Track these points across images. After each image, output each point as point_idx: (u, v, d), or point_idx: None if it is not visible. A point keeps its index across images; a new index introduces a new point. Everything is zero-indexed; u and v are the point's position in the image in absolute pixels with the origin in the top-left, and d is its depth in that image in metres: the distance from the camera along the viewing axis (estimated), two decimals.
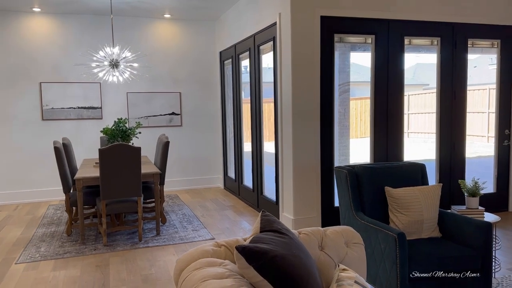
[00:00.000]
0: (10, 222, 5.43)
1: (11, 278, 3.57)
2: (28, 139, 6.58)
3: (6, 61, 6.40)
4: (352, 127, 5.88)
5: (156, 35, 7.06)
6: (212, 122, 7.46)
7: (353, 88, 5.09)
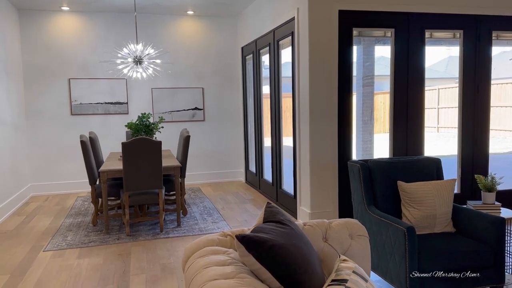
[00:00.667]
0: (40, 212, 5.70)
1: (39, 265, 3.78)
2: (57, 134, 6.86)
3: (37, 58, 6.68)
4: (378, 121, 5.83)
5: (179, 32, 7.20)
6: (234, 117, 7.56)
7: (379, 82, 5.02)
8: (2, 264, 3.81)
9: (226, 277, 1.61)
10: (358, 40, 5.43)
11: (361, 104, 5.79)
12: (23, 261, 3.86)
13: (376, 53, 5.46)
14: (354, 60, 5.73)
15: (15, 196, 5.93)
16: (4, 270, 3.67)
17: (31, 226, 5.03)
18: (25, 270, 3.65)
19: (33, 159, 6.80)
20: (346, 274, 1.76)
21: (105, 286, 3.29)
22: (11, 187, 5.80)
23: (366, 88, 5.74)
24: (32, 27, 6.62)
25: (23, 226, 5.03)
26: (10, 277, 3.51)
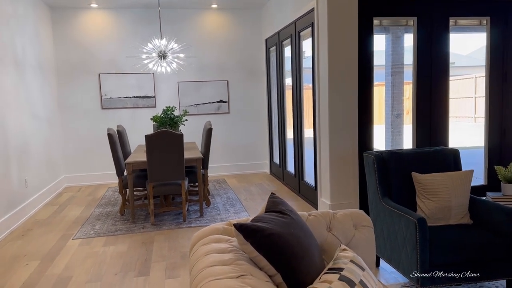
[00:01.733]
0: (72, 202, 5.98)
1: (67, 252, 3.99)
2: (89, 127, 7.13)
3: (68, 55, 6.95)
4: (408, 111, 5.69)
5: (203, 26, 7.30)
6: (258, 109, 7.61)
7: (409, 72, 4.91)
8: (34, 250, 4.04)
9: (223, 264, 1.67)
10: (387, 29, 5.34)
11: (390, 94, 5.70)
12: (53, 248, 4.09)
13: (406, 41, 5.36)
14: (383, 49, 5.63)
15: (50, 187, 6.24)
16: (36, 256, 3.90)
17: (63, 216, 5.29)
18: (54, 257, 3.86)
19: (67, 152, 7.11)
20: (343, 263, 1.79)
21: (127, 273, 3.44)
22: (46, 178, 6.10)
23: (395, 77, 5.65)
24: (64, 25, 6.89)
25: (56, 215, 5.30)
26: (41, 263, 3.73)
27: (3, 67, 4.75)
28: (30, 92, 5.63)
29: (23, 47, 5.45)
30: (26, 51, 5.54)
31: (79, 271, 3.51)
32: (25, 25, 5.55)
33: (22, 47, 5.41)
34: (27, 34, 5.62)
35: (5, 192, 4.60)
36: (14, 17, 5.17)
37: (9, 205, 4.70)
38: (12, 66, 5.04)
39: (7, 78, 4.85)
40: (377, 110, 14.01)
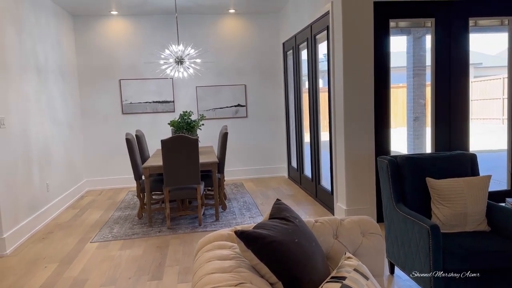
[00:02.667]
0: (93, 206, 6.09)
1: (84, 255, 4.06)
2: (110, 132, 7.27)
3: (90, 61, 7.11)
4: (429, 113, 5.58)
5: (221, 30, 7.34)
6: (276, 113, 7.59)
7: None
8: (53, 253, 4.14)
9: (223, 271, 1.66)
10: (408, 30, 5.25)
11: (412, 96, 5.60)
12: (71, 251, 4.17)
13: (427, 43, 5.25)
14: (404, 50, 5.53)
15: (71, 191, 6.38)
16: (54, 258, 3.99)
17: (83, 219, 5.39)
18: (72, 260, 3.94)
19: (89, 156, 7.27)
20: (346, 272, 1.76)
21: (140, 276, 3.48)
22: (68, 182, 6.24)
23: (416, 79, 5.54)
24: (85, 32, 7.05)
25: (76, 219, 5.41)
26: (59, 265, 3.81)
27: (25, 74, 4.89)
28: (52, 98, 5.78)
29: (45, 54, 5.60)
30: (48, 58, 5.69)
31: (94, 274, 3.57)
32: (47, 33, 5.71)
33: (44, 54, 5.56)
34: (49, 41, 5.77)
35: (27, 195, 4.73)
36: (36, 26, 5.33)
37: (31, 209, 4.83)
38: (34, 73, 5.18)
39: (29, 85, 4.99)
40: (400, 112, 13.77)
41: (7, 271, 3.72)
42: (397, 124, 14.05)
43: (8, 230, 4.22)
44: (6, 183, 4.23)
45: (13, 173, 4.42)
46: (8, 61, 4.46)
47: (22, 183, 4.63)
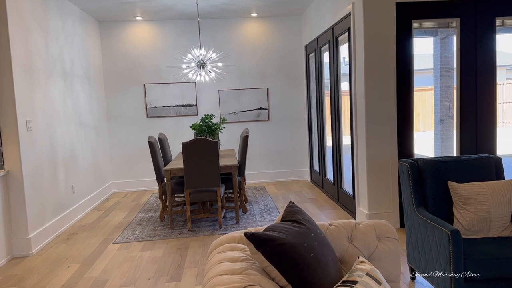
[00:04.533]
0: (117, 208, 6.21)
1: (107, 255, 4.14)
2: (135, 135, 7.40)
3: (116, 66, 7.27)
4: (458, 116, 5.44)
5: (244, 34, 7.38)
6: (298, 116, 7.55)
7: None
8: (76, 254, 4.23)
9: (232, 273, 1.66)
10: (435, 31, 5.14)
11: (439, 99, 5.47)
12: (94, 252, 4.26)
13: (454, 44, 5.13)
14: (431, 52, 5.41)
15: (97, 193, 6.53)
16: (77, 259, 4.08)
17: (107, 220, 5.50)
18: (94, 260, 4.02)
19: (114, 159, 7.42)
20: (358, 276, 1.72)
21: (159, 278, 3.51)
22: (93, 184, 6.39)
23: (443, 81, 5.41)
24: (111, 37, 7.22)
25: (100, 220, 5.52)
26: (81, 266, 3.89)
27: (52, 78, 5.05)
28: (78, 101, 5.94)
29: (72, 59, 5.76)
30: (74, 63, 5.85)
31: (115, 274, 3.63)
32: (73, 39, 5.88)
33: (71, 59, 5.72)
34: (75, 46, 5.94)
35: (52, 197, 4.86)
36: (63, 31, 5.49)
37: (57, 210, 4.96)
38: (61, 77, 5.34)
39: (55, 89, 5.14)
40: (429, 115, 13.48)
41: (32, 270, 3.83)
42: (426, 127, 13.77)
43: (34, 230, 4.34)
44: (32, 185, 4.37)
45: (40, 175, 4.55)
46: (35, 66, 4.61)
47: (48, 185, 4.77)
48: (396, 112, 4.40)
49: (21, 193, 4.16)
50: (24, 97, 4.28)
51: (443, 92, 5.40)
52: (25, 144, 4.25)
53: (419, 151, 10.90)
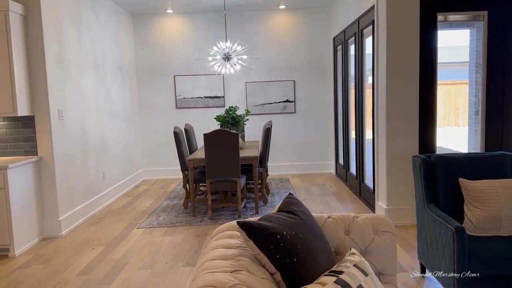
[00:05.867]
0: (145, 194, 6.45)
1: (130, 239, 4.35)
2: (165, 125, 7.63)
3: (147, 57, 7.50)
4: None
5: (272, 26, 7.41)
6: (325, 109, 7.53)
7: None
8: (102, 237, 4.47)
9: (224, 258, 1.75)
10: (471, 24, 5.00)
11: (473, 93, 5.33)
12: (118, 236, 4.48)
13: None
14: (466, 44, 5.26)
15: (128, 179, 6.80)
16: (102, 242, 4.31)
17: (134, 206, 5.74)
18: (118, 243, 4.24)
19: (145, 148, 7.68)
20: (345, 267, 1.78)
21: (176, 262, 3.67)
22: (124, 171, 6.66)
23: (479, 75, 5.26)
24: (143, 30, 7.44)
25: (128, 206, 5.77)
26: (105, 248, 4.11)
27: (83, 70, 5.29)
28: (110, 92, 6.19)
29: (104, 51, 6.00)
30: (106, 55, 6.09)
31: (135, 257, 3.82)
32: (106, 31, 6.11)
33: (103, 52, 5.96)
34: (108, 39, 6.18)
35: (83, 182, 5.13)
36: (96, 24, 5.73)
37: (86, 195, 5.24)
38: (93, 69, 5.58)
39: (87, 80, 5.39)
40: (464, 110, 13.03)
41: (60, 250, 4.08)
42: (462, 123, 13.31)
43: (64, 213, 4.61)
44: (63, 170, 4.63)
45: (70, 161, 4.81)
46: (67, 57, 4.85)
47: (79, 171, 5.03)
48: (418, 106, 4.34)
49: (52, 178, 4.43)
50: (56, 88, 4.53)
51: (478, 86, 5.23)
52: (57, 132, 4.51)
53: (453, 146, 10.58)
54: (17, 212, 3.99)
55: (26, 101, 4.21)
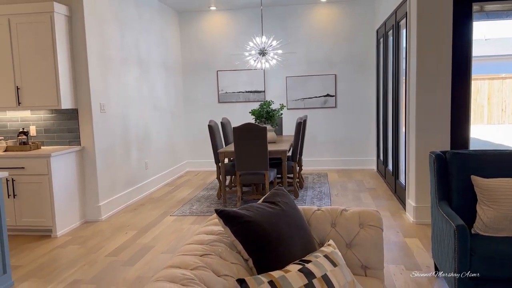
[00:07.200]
0: (186, 185, 6.74)
1: (161, 226, 4.60)
2: (208, 118, 7.88)
3: (192, 54, 7.78)
4: None
5: (313, 20, 7.37)
6: (367, 104, 7.38)
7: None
8: (137, 222, 4.77)
9: (200, 243, 1.87)
10: (511, 13, 4.72)
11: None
12: (151, 222, 4.76)
13: None
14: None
15: (171, 170, 7.13)
16: (136, 227, 4.60)
17: (173, 195, 6.03)
18: (149, 229, 4.51)
19: (189, 140, 8.00)
20: (315, 257, 1.82)
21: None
22: (167, 162, 6.99)
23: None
24: (188, 27, 7.72)
25: (168, 195, 6.08)
26: (137, 232, 4.40)
27: (127, 66, 5.63)
28: (154, 87, 6.52)
29: (148, 48, 6.33)
30: (151, 51, 6.42)
31: (161, 243, 4.06)
32: (150, 29, 6.44)
33: (147, 48, 6.29)
34: (152, 36, 6.50)
35: (124, 172, 5.48)
36: (139, 22, 6.05)
37: (128, 183, 5.59)
38: (136, 64, 5.92)
39: (130, 76, 5.73)
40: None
41: (97, 233, 4.43)
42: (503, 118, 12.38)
43: (104, 199, 4.97)
44: (105, 159, 4.98)
45: (112, 151, 5.17)
46: (110, 54, 5.19)
47: (121, 161, 5.38)
48: (450, 102, 4.17)
49: (93, 166, 4.79)
50: (98, 82, 4.88)
51: None
52: (98, 124, 4.86)
53: (505, 143, 9.90)
54: (60, 197, 4.38)
55: (69, 95, 4.58)
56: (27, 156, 4.24)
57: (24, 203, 4.31)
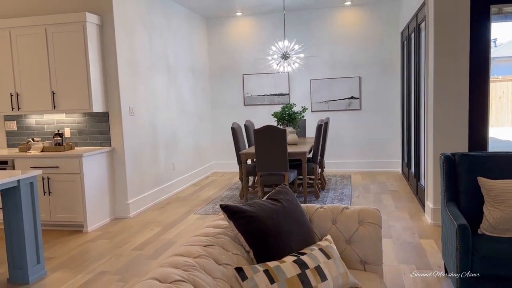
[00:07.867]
0: (212, 185, 6.96)
1: (184, 223, 4.83)
2: (234, 121, 8.09)
3: (219, 58, 8.01)
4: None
5: (337, 23, 7.44)
6: (392, 106, 7.37)
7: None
8: (163, 219, 5.01)
9: (206, 235, 2.04)
10: None
11: None
12: (176, 219, 4.99)
13: None
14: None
15: (198, 171, 7.38)
16: (161, 223, 4.85)
17: (198, 195, 6.26)
18: (173, 226, 4.74)
19: (216, 142, 8.24)
20: (310, 250, 1.96)
21: None
22: (194, 163, 7.24)
23: None
24: (216, 32, 7.96)
25: (194, 194, 6.31)
26: (162, 229, 4.63)
27: (155, 72, 5.91)
28: (181, 92, 6.78)
29: (176, 54, 6.60)
30: (178, 57, 6.69)
31: (183, 238, 4.27)
32: (178, 35, 6.71)
33: (175, 54, 6.56)
34: (180, 42, 6.77)
35: (153, 172, 5.75)
36: (167, 29, 6.33)
37: (156, 183, 5.86)
38: (164, 70, 6.19)
39: (159, 81, 6.01)
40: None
41: (125, 229, 4.70)
42: None
43: (133, 197, 5.25)
44: (134, 160, 5.26)
45: (140, 152, 5.44)
46: (139, 60, 5.48)
47: (149, 161, 5.66)
48: (468, 103, 4.18)
49: (123, 166, 5.07)
50: (128, 87, 5.17)
51: None
52: (128, 126, 5.14)
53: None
54: (91, 195, 4.68)
55: (100, 99, 4.88)
56: (61, 156, 4.56)
57: (58, 200, 4.63)
